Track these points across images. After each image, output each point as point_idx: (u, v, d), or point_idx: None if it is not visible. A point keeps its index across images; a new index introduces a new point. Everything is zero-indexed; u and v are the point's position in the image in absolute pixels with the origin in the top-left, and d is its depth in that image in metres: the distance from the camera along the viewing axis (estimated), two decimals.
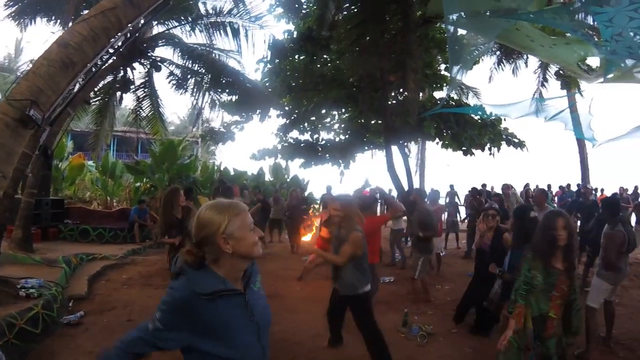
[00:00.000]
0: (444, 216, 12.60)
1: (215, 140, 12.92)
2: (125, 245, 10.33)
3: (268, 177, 18.97)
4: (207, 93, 11.53)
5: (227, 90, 11.49)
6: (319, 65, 11.56)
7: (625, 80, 5.34)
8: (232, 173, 17.58)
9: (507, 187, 10.46)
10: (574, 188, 15.86)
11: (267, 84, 11.62)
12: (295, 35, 10.58)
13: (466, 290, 5.72)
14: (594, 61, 5.84)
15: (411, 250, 7.44)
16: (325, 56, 11.64)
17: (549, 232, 3.04)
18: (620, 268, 4.70)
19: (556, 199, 15.41)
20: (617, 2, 3.36)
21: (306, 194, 15.83)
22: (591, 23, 5.11)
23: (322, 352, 4.61)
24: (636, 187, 15.92)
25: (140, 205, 11.38)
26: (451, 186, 14.29)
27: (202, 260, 1.57)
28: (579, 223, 8.81)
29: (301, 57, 11.00)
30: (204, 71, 11.29)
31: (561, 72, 12.67)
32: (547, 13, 4.62)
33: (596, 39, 4.89)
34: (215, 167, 18.94)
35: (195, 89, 11.48)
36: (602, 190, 16.09)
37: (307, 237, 11.47)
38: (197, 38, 11.48)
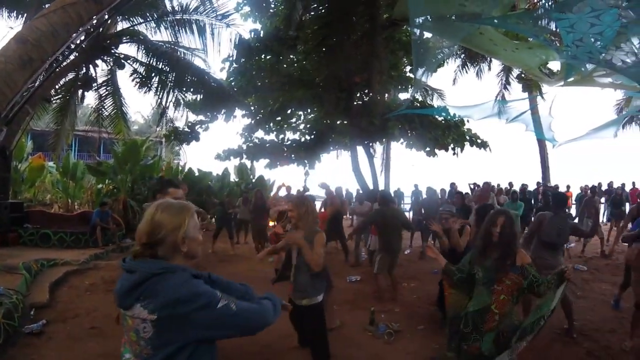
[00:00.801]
0: (409, 215, 12.80)
1: (180, 140, 12.65)
2: (87, 250, 9.90)
3: (233, 177, 18.71)
4: (171, 92, 11.28)
5: (192, 89, 11.28)
6: (285, 65, 11.53)
7: (585, 83, 5.54)
8: (196, 174, 17.25)
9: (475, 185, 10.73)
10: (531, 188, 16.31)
11: (232, 84, 11.49)
12: (262, 35, 10.51)
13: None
14: (555, 65, 6.03)
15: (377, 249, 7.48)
16: (292, 56, 11.64)
17: (487, 228, 3.11)
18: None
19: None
20: (579, 9, 3.46)
21: (271, 194, 15.72)
22: (553, 29, 5.25)
23: (292, 352, 4.57)
24: (606, 184, 16.45)
25: (102, 207, 10.97)
26: (416, 185, 14.48)
27: None
28: None
29: (267, 57, 10.94)
30: (168, 69, 11.02)
31: (523, 75, 13.04)
32: (511, 18, 4.74)
33: (558, 44, 5.05)
34: (180, 168, 18.56)
35: (159, 88, 11.18)
36: (568, 187, 16.58)
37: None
38: (162, 35, 11.25)
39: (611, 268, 8.90)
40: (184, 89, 11.33)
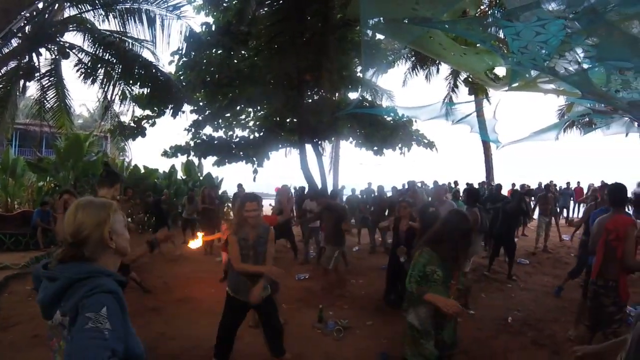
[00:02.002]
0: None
1: (125, 136, 12.13)
2: (28, 253, 9.42)
3: (180, 175, 18.23)
4: (117, 84, 10.67)
5: (139, 83, 10.75)
6: (235, 61, 11.31)
7: (529, 89, 5.81)
8: (142, 171, 16.67)
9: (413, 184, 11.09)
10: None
11: (181, 78, 11.15)
12: (213, 29, 10.27)
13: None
14: (501, 70, 6.27)
15: (325, 245, 7.56)
16: (243, 52, 11.43)
17: (458, 229, 3.12)
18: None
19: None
20: (525, 18, 3.63)
21: (220, 192, 15.43)
22: (501, 36, 5.46)
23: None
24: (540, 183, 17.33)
25: (44, 207, 10.35)
26: (369, 184, 14.67)
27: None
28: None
29: (218, 52, 10.71)
30: (115, 61, 10.44)
31: (470, 79, 13.52)
32: (461, 24, 4.88)
33: (504, 51, 5.26)
34: (125, 165, 17.87)
35: (105, 80, 10.56)
36: (513, 185, 17.31)
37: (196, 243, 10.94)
38: (110, 24, 10.59)
39: (552, 261, 9.45)
40: (131, 82, 10.76)
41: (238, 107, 12.78)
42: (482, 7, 7.75)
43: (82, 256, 1.48)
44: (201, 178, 18.06)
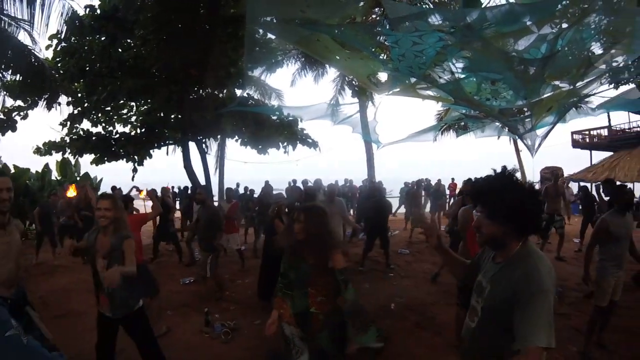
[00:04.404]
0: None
1: None
2: None
3: (55, 175, 16.41)
4: None
5: (11, 68, 9.52)
6: (120, 50, 10.60)
7: (409, 94, 6.29)
8: (12, 171, 14.70)
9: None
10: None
11: (59, 65, 10.15)
12: (98, 12, 9.50)
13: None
14: (383, 75, 6.67)
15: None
16: (128, 40, 10.74)
17: (289, 227, 3.06)
18: None
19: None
20: (406, 29, 3.97)
21: (99, 193, 14.29)
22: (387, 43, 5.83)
23: None
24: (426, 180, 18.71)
25: None
26: (266, 182, 14.70)
27: None
28: None
29: (102, 38, 9.95)
30: None
31: (354, 82, 14.16)
32: (349, 29, 5.14)
33: (385, 57, 5.66)
34: None
35: None
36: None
37: None
38: None
39: (431, 250, 10.25)
40: (2, 67, 9.49)
41: (121, 101, 12.01)
42: (373, 17, 8.18)
43: None
44: (78, 178, 16.48)
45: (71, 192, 6.48)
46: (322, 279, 2.91)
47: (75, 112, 11.48)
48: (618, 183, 8.36)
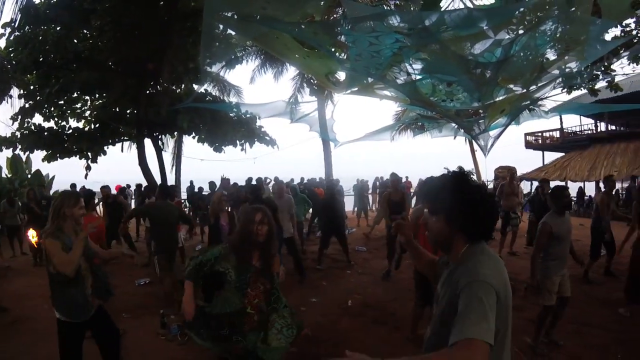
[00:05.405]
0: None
1: None
2: None
3: (5, 172, 15.54)
4: None
5: None
6: (75, 41, 10.15)
7: (367, 93, 6.33)
8: None
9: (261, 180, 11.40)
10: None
11: (11, 55, 9.64)
12: (54, 1, 9.09)
13: None
14: (341, 74, 6.69)
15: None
16: (85, 31, 10.29)
17: (247, 226, 2.97)
18: None
19: None
20: (363, 29, 4.00)
21: (51, 192, 13.68)
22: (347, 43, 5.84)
23: None
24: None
25: None
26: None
27: None
28: None
29: (57, 28, 9.49)
30: None
31: (312, 80, 14.17)
32: (308, 27, 5.11)
33: (342, 56, 5.68)
34: None
35: None
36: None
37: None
38: None
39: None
40: None
41: (75, 94, 11.52)
42: (334, 16, 8.18)
43: None
44: (29, 176, 15.69)
45: (32, 236, 6.21)
46: (262, 280, 2.97)
47: (27, 105, 10.97)
48: (562, 183, 8.77)
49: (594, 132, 23.00)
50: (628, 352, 4.51)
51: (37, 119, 11.49)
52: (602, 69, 7.25)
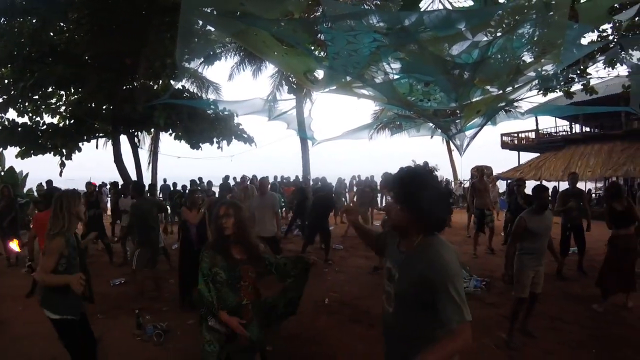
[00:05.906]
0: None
1: None
2: None
3: None
4: None
5: None
6: (52, 34, 9.91)
7: (345, 92, 6.34)
8: None
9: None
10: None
11: None
12: None
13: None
14: (320, 73, 6.69)
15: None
16: (62, 24, 10.04)
17: (215, 223, 2.99)
18: None
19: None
20: (342, 27, 4.01)
21: (25, 190, 13.28)
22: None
23: None
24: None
25: None
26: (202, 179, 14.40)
27: None
28: None
29: (33, 20, 9.25)
30: None
31: (291, 78, 14.13)
32: (289, 24, 5.10)
33: (321, 54, 5.68)
34: None
35: None
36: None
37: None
38: None
39: (365, 245, 10.48)
40: None
41: (48, 88, 11.23)
42: (315, 14, 8.16)
43: None
44: (2, 173, 15.18)
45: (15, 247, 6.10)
46: (251, 269, 2.99)
47: (1, 100, 10.68)
48: (538, 183, 8.97)
49: (569, 133, 23.65)
50: (601, 347, 4.61)
51: (11, 114, 11.19)
52: (578, 72, 7.42)
